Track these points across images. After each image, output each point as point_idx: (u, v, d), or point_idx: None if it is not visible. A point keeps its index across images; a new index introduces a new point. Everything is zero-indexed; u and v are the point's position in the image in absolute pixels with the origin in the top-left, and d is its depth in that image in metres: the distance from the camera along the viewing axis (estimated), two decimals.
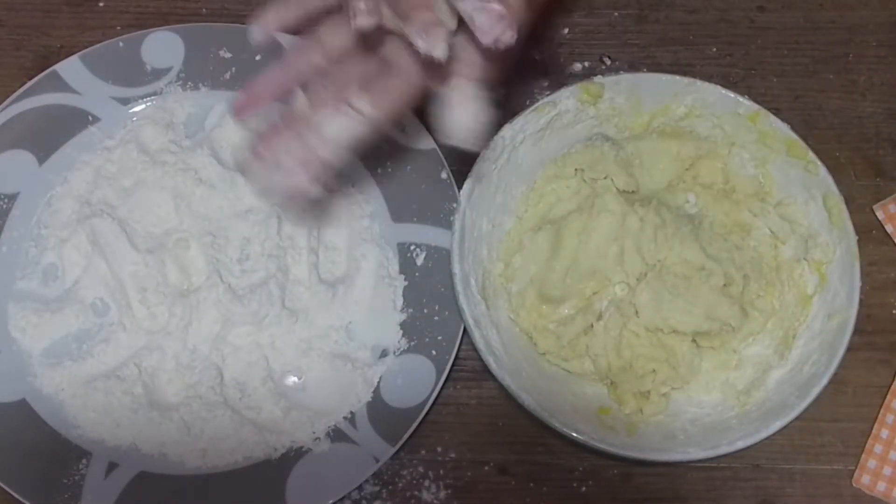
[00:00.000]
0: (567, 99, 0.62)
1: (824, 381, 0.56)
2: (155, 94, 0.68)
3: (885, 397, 0.63)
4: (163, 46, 0.68)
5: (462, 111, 0.47)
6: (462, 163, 0.65)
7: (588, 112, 0.63)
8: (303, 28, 0.53)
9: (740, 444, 0.56)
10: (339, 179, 0.65)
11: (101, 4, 0.72)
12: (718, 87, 0.62)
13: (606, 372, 0.61)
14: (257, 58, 0.68)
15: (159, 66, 0.68)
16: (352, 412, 0.61)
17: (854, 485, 0.61)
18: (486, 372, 0.59)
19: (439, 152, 0.65)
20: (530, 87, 0.71)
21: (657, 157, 0.66)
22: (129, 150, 0.66)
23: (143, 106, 0.68)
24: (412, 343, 0.62)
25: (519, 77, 0.71)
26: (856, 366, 0.63)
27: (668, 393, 0.61)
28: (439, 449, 0.62)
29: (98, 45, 0.67)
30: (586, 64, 0.72)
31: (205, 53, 0.68)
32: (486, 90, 0.48)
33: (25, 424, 0.60)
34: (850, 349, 0.57)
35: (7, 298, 0.63)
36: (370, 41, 0.50)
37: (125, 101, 0.67)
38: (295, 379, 0.62)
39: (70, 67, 0.66)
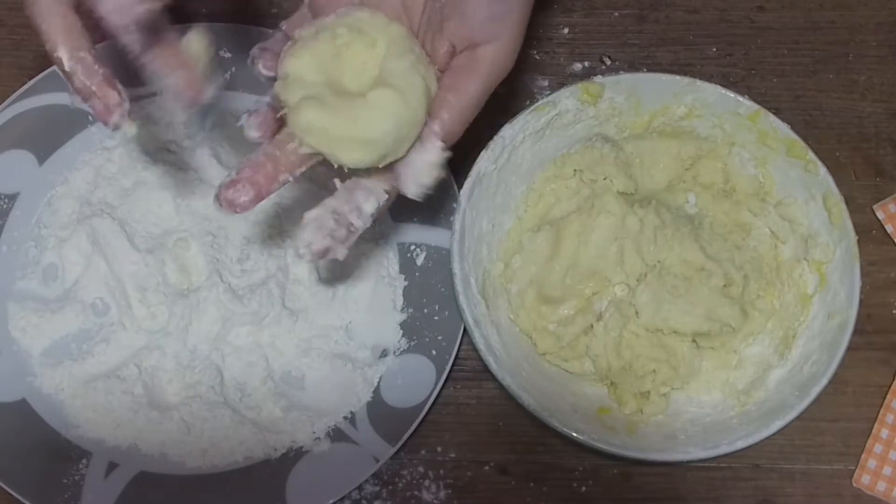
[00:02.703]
0: (567, 99, 0.62)
1: (824, 380, 0.56)
2: (155, 94, 0.68)
3: (885, 397, 0.63)
4: None
5: (421, 164, 0.48)
6: (462, 163, 0.65)
7: (588, 112, 0.63)
8: None
9: (740, 444, 0.56)
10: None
11: None
12: (718, 87, 0.62)
13: (606, 372, 0.61)
14: None
15: None
16: (352, 412, 0.61)
17: (854, 485, 0.61)
18: (486, 372, 0.59)
19: None
20: (530, 87, 0.71)
21: (657, 157, 0.66)
22: (129, 150, 0.66)
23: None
24: (412, 343, 0.62)
25: (519, 77, 0.71)
26: (856, 365, 0.63)
27: (668, 393, 0.61)
28: (439, 449, 0.62)
29: (98, 45, 0.67)
30: (586, 64, 0.72)
31: None
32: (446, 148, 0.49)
33: (25, 424, 0.60)
34: (850, 349, 0.57)
35: (7, 298, 0.63)
36: None
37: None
38: (295, 379, 0.62)
39: None
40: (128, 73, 0.67)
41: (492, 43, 0.48)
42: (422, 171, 0.48)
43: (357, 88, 0.48)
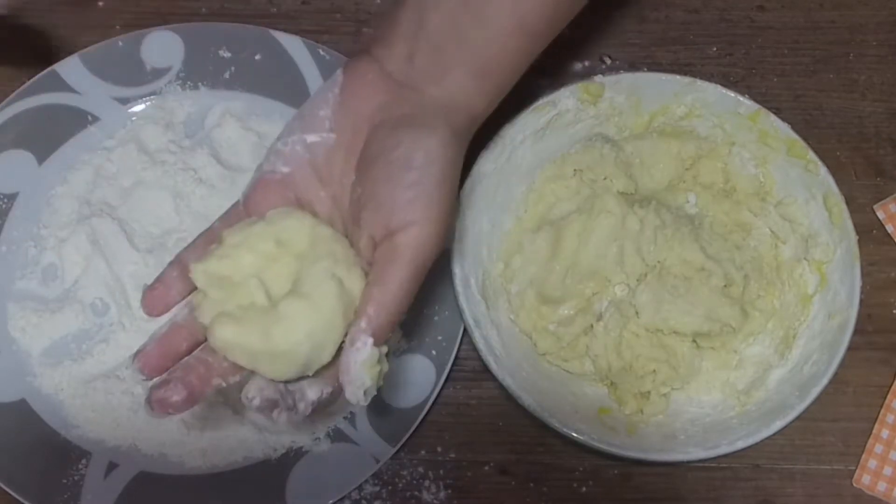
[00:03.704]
0: (567, 98, 0.62)
1: (824, 380, 0.56)
2: (154, 93, 0.68)
3: (885, 397, 0.63)
4: (162, 46, 0.68)
5: (355, 367, 0.45)
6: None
7: (588, 112, 0.63)
8: None
9: (740, 444, 0.56)
10: None
11: (100, 4, 0.72)
12: (718, 87, 0.62)
13: (606, 372, 0.61)
14: (257, 57, 0.68)
15: (159, 66, 0.68)
16: (352, 412, 0.60)
17: (854, 485, 0.61)
18: (486, 372, 0.59)
19: None
20: (530, 86, 0.71)
21: (657, 157, 0.66)
22: (128, 150, 0.66)
23: (142, 106, 0.68)
24: (412, 343, 0.62)
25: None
26: (856, 365, 0.63)
27: (668, 393, 0.61)
28: (439, 449, 0.62)
29: (98, 45, 0.67)
30: (586, 63, 0.72)
31: (204, 53, 0.68)
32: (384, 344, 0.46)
33: (25, 424, 0.60)
34: (850, 349, 0.57)
35: (7, 298, 0.63)
36: None
37: (125, 101, 0.67)
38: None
39: (70, 67, 0.66)
40: (128, 73, 0.68)
41: (409, 228, 0.46)
42: (358, 374, 0.45)
43: (276, 298, 0.47)
